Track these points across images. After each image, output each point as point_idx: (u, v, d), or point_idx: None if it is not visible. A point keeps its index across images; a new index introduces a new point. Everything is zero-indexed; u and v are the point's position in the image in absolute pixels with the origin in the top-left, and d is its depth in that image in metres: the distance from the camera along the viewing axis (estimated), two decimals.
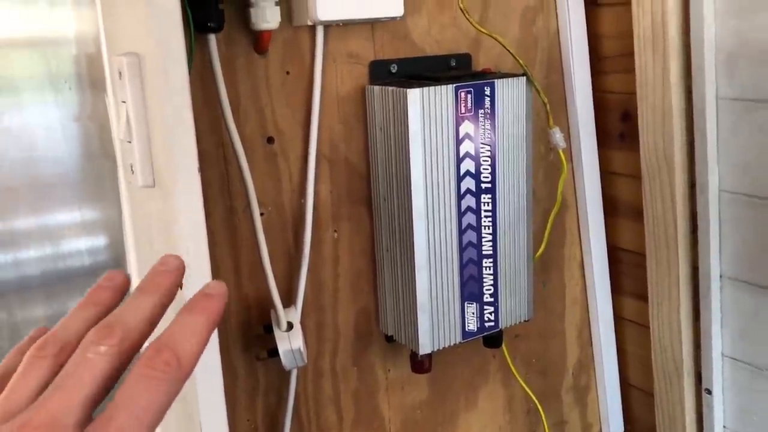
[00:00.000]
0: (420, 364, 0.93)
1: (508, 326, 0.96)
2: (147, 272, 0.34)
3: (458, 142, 0.87)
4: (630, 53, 0.98)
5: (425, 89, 0.83)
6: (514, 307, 0.96)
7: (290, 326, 0.84)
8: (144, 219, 0.74)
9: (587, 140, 1.08)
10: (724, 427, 1.03)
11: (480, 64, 0.99)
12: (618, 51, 1.04)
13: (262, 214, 0.86)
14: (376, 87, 0.88)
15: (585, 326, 1.16)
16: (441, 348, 0.91)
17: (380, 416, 1.00)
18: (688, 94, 0.94)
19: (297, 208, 0.89)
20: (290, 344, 0.83)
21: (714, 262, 0.97)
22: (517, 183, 0.92)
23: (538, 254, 1.03)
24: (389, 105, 0.86)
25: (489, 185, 0.90)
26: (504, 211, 0.91)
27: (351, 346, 0.96)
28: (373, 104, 0.89)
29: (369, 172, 0.93)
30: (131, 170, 0.68)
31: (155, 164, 0.65)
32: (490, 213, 0.90)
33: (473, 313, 0.92)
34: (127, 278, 0.35)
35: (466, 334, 0.93)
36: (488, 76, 0.89)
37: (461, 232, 0.89)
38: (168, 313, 0.33)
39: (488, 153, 0.89)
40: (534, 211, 0.99)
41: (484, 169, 0.89)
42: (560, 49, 1.05)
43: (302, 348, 0.84)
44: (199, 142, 0.63)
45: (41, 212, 0.79)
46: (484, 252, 0.91)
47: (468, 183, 0.88)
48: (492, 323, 0.94)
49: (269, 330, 0.86)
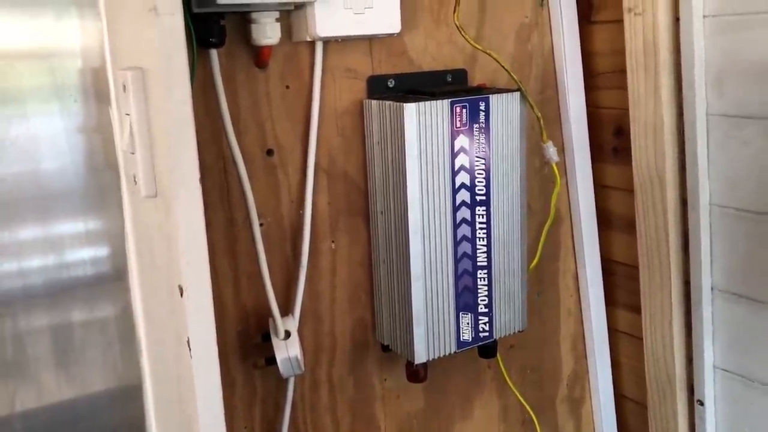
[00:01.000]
0: (415, 374, 0.95)
1: (503, 336, 0.98)
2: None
3: (453, 156, 0.89)
4: (623, 70, 1.00)
5: (421, 104, 0.85)
6: (509, 318, 0.97)
7: (288, 335, 0.86)
8: (146, 229, 0.76)
9: (581, 154, 1.10)
10: None
11: (475, 80, 1.01)
12: (611, 68, 1.07)
13: (262, 225, 0.88)
14: (374, 101, 0.90)
15: (579, 338, 1.18)
16: (436, 357, 0.93)
17: (376, 425, 1.02)
18: (679, 111, 0.96)
19: (295, 220, 0.91)
20: (288, 352, 0.84)
21: (705, 275, 0.99)
22: (512, 196, 0.94)
23: (532, 266, 1.05)
24: (386, 119, 0.88)
25: (484, 197, 0.91)
26: (498, 223, 0.93)
27: (347, 356, 0.98)
28: (371, 118, 0.91)
29: (366, 185, 0.95)
30: (134, 181, 0.70)
31: (158, 175, 0.67)
32: (485, 225, 0.92)
33: (468, 323, 0.94)
34: None
35: (461, 344, 0.94)
36: (483, 92, 0.92)
37: (456, 244, 0.91)
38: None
39: (483, 166, 0.91)
40: (528, 224, 1.01)
41: (479, 182, 0.91)
42: (554, 66, 1.07)
43: (299, 356, 0.85)
44: (200, 154, 0.65)
45: (46, 222, 0.80)
46: (479, 263, 0.93)
47: (463, 195, 0.90)
48: (487, 333, 0.96)
49: (267, 339, 0.87)
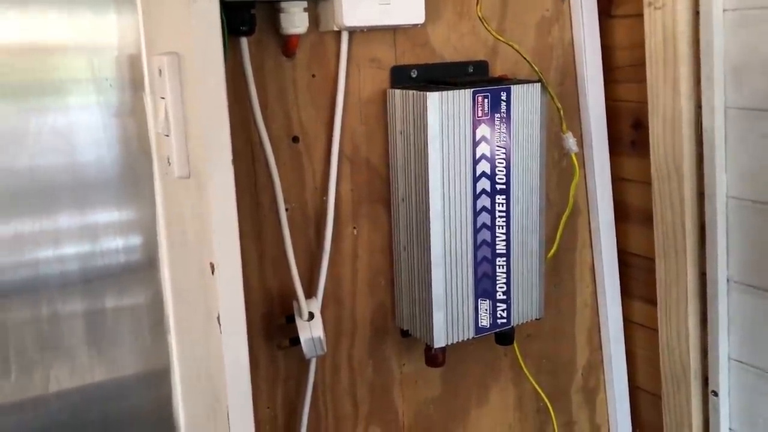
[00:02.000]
0: (434, 358, 0.97)
1: (520, 324, 0.99)
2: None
3: (475, 145, 0.91)
4: (642, 63, 1.01)
5: (444, 93, 0.87)
6: (526, 306, 0.99)
7: (311, 316, 0.88)
8: (178, 209, 0.78)
9: (599, 146, 1.11)
10: (730, 429, 1.05)
11: (496, 72, 1.03)
12: (630, 61, 1.08)
13: (287, 210, 0.90)
14: (397, 90, 0.92)
15: (595, 329, 1.19)
16: (455, 342, 0.94)
17: (394, 409, 1.04)
18: (698, 104, 0.97)
19: (319, 205, 0.93)
20: (311, 333, 0.87)
21: (721, 267, 1.00)
22: (531, 185, 0.95)
23: (550, 255, 1.07)
24: (409, 108, 0.90)
25: (503, 186, 0.93)
26: (517, 212, 0.95)
27: (367, 340, 1.00)
28: (394, 107, 0.93)
29: (388, 172, 0.97)
30: (168, 162, 0.72)
31: (191, 156, 0.70)
32: (504, 213, 0.94)
33: (486, 310, 0.96)
34: None
35: (479, 330, 0.96)
36: (504, 82, 0.93)
37: (476, 231, 0.93)
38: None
39: (503, 155, 0.93)
40: (547, 214, 1.02)
41: (499, 171, 0.93)
42: (574, 58, 1.09)
43: (322, 337, 0.87)
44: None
45: (82, 211, 0.83)
46: (498, 251, 0.95)
47: (483, 184, 0.92)
48: (504, 320, 0.98)
49: (291, 320, 0.90)
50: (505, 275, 0.96)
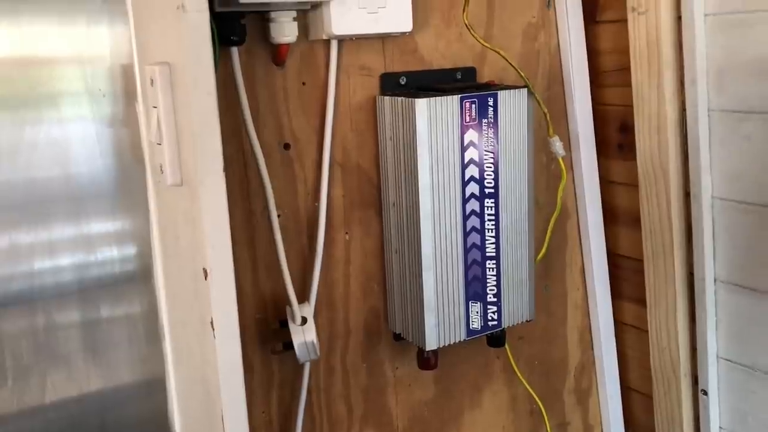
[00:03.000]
0: (426, 361, 0.98)
1: (511, 325, 1.01)
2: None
3: (463, 149, 0.92)
4: (627, 68, 1.03)
5: (432, 99, 0.89)
6: (517, 308, 1.00)
7: (304, 320, 0.89)
8: (171, 216, 0.79)
9: (587, 150, 1.13)
10: (720, 428, 1.06)
11: (484, 78, 1.04)
12: (616, 65, 1.10)
13: (279, 216, 0.92)
14: (387, 97, 0.94)
15: (586, 330, 1.20)
16: (446, 345, 0.96)
17: (388, 412, 1.05)
18: (682, 106, 0.99)
19: (311, 211, 0.95)
20: (304, 337, 0.88)
21: (708, 267, 1.01)
22: (519, 188, 0.97)
23: (540, 257, 1.08)
24: (399, 114, 0.92)
25: (492, 190, 0.95)
26: (506, 215, 0.96)
27: (361, 344, 1.01)
28: (384, 113, 0.95)
29: (379, 178, 0.98)
30: (160, 170, 0.74)
31: (183, 164, 0.71)
32: (493, 216, 0.96)
33: (477, 312, 0.97)
34: None
35: (471, 332, 0.97)
36: (492, 88, 0.95)
37: (466, 235, 0.94)
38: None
39: (491, 160, 0.94)
40: (536, 217, 1.04)
41: (488, 175, 0.94)
42: (561, 64, 1.11)
43: (315, 341, 0.88)
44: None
45: (77, 222, 0.84)
46: (488, 254, 0.96)
47: (472, 188, 0.94)
48: (495, 322, 0.99)
49: (284, 325, 0.91)
50: (496, 278, 0.97)
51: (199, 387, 0.79)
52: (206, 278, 0.69)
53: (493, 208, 0.95)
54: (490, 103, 0.93)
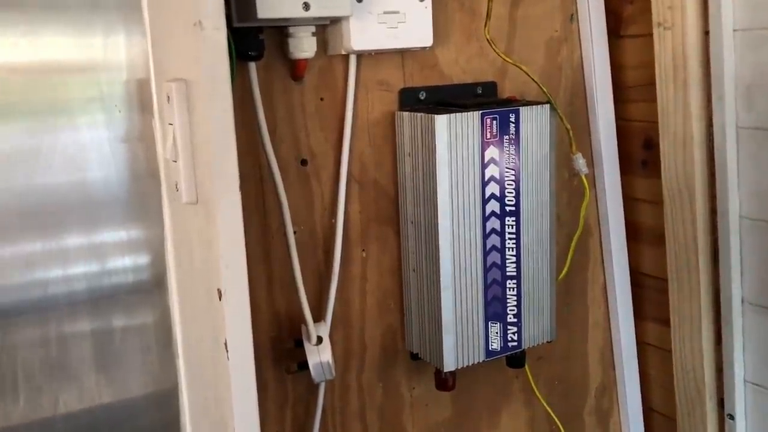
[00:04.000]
0: (444, 382, 0.96)
1: (531, 346, 0.98)
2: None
3: (483, 166, 0.90)
4: (652, 83, 1.01)
5: (453, 115, 0.87)
6: (537, 328, 0.98)
7: (320, 340, 0.88)
8: (185, 234, 0.79)
9: (610, 166, 1.10)
10: None
11: (505, 93, 1.02)
12: (640, 81, 1.08)
13: (295, 233, 0.90)
14: (406, 113, 0.92)
15: (607, 350, 1.18)
16: (465, 366, 0.94)
17: None
18: (708, 123, 0.97)
19: (328, 228, 0.93)
20: (320, 357, 0.86)
21: (735, 288, 0.98)
22: (541, 206, 0.95)
23: (561, 276, 1.06)
24: (418, 130, 0.90)
25: (513, 208, 0.93)
26: (528, 234, 0.94)
27: (377, 363, 0.99)
28: (403, 129, 0.93)
29: (397, 194, 0.97)
30: (176, 188, 0.73)
31: (199, 182, 0.70)
32: (514, 235, 0.94)
33: (497, 333, 0.95)
34: None
35: (490, 353, 0.95)
36: (513, 104, 0.93)
37: (486, 253, 0.92)
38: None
39: (513, 177, 0.92)
40: (557, 235, 1.02)
41: (509, 193, 0.92)
42: (584, 79, 1.09)
43: (331, 361, 0.87)
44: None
45: (90, 231, 0.84)
46: (508, 273, 0.94)
47: (493, 206, 0.92)
48: (515, 343, 0.97)
49: (299, 344, 0.89)
50: (516, 297, 0.95)
51: (212, 405, 0.78)
52: (220, 299, 0.68)
53: (514, 227, 0.93)
54: (512, 120, 0.91)
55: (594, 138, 1.10)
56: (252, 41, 0.82)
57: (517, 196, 0.93)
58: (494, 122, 0.90)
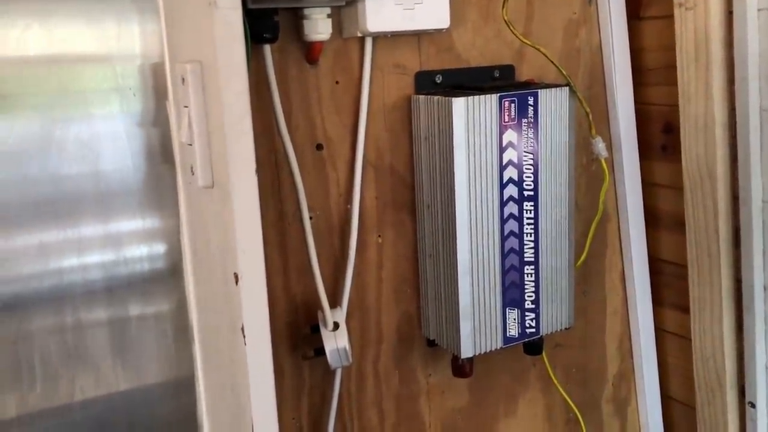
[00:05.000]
0: (461, 369, 0.95)
1: (549, 333, 0.97)
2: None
3: (501, 150, 0.89)
4: (672, 66, 0.99)
5: (470, 98, 0.86)
6: (555, 314, 0.97)
7: (336, 326, 0.87)
8: (201, 219, 0.78)
9: (629, 151, 1.09)
10: None
11: (523, 76, 1.01)
12: (660, 63, 1.06)
13: (311, 219, 0.89)
14: (422, 96, 0.91)
15: (625, 337, 1.16)
16: (483, 352, 0.93)
17: (421, 420, 1.02)
18: (731, 106, 0.95)
19: (343, 214, 0.92)
20: (336, 343, 0.86)
21: (757, 274, 0.97)
22: (559, 191, 0.93)
23: (580, 262, 1.04)
24: (434, 114, 0.89)
25: (531, 193, 0.91)
26: (546, 219, 0.93)
27: (393, 350, 0.98)
28: (419, 113, 0.92)
29: (413, 180, 0.95)
30: (191, 172, 0.72)
31: (214, 165, 0.69)
32: (533, 220, 0.92)
33: (515, 319, 0.94)
34: None
35: (507, 340, 0.94)
36: (532, 87, 0.92)
37: (503, 239, 0.91)
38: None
39: (531, 161, 0.91)
40: (576, 221, 1.00)
41: (527, 177, 0.91)
42: (603, 61, 1.07)
43: (347, 347, 0.86)
44: None
45: (106, 219, 0.83)
46: (526, 259, 0.93)
47: (511, 190, 0.90)
48: (533, 330, 0.95)
49: (316, 330, 0.89)
50: (534, 284, 0.94)
51: (229, 391, 0.78)
52: (237, 283, 0.67)
53: (533, 212, 0.92)
54: (530, 103, 0.89)
55: (613, 122, 1.08)
56: (267, 23, 0.81)
57: (536, 181, 0.91)
58: (512, 105, 0.89)
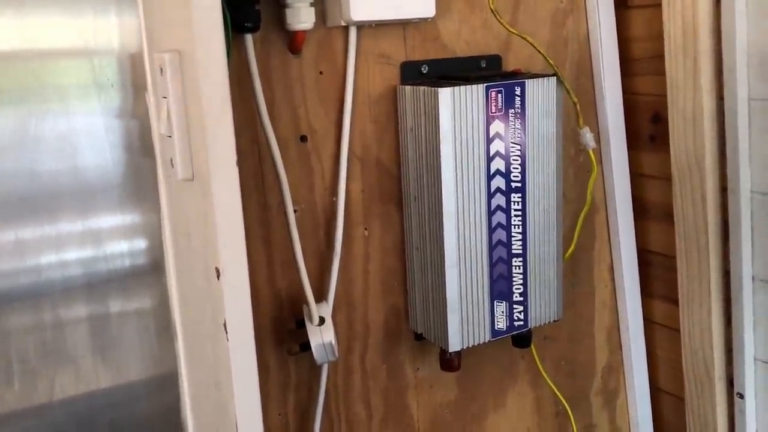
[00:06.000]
0: (449, 362, 0.94)
1: (538, 326, 0.96)
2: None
3: (488, 141, 0.88)
4: (660, 55, 0.98)
5: (456, 89, 0.85)
6: (544, 307, 0.96)
7: (322, 321, 0.86)
8: (182, 212, 0.76)
9: (617, 142, 1.08)
10: None
11: (509, 66, 1.00)
12: (648, 53, 1.05)
13: (296, 212, 0.88)
14: (408, 87, 0.90)
15: (614, 329, 1.16)
16: (470, 346, 0.92)
17: (409, 414, 1.01)
18: (719, 96, 0.94)
19: (329, 206, 0.91)
20: (322, 338, 0.84)
21: (746, 265, 0.96)
22: (547, 182, 0.92)
23: (568, 254, 1.03)
24: (420, 104, 0.88)
25: (519, 184, 0.90)
26: (534, 210, 0.92)
27: (380, 344, 0.97)
28: (405, 104, 0.91)
29: (399, 171, 0.94)
30: (171, 164, 0.70)
31: (194, 158, 0.67)
32: (520, 212, 0.91)
33: (503, 312, 0.93)
34: None
35: (496, 333, 0.93)
36: (519, 76, 0.90)
37: (491, 231, 0.90)
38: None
39: (518, 152, 0.90)
40: (564, 213, 0.99)
41: (514, 168, 0.90)
42: (590, 51, 1.06)
43: (333, 342, 0.85)
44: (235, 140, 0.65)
45: (85, 215, 0.82)
46: (514, 251, 0.92)
47: (498, 182, 0.89)
48: (521, 322, 0.95)
49: (301, 325, 0.87)
50: (522, 276, 0.93)
51: (213, 388, 0.76)
52: (219, 278, 0.65)
53: (520, 203, 0.91)
54: (518, 93, 0.88)
55: (600, 112, 1.07)
56: (248, 12, 0.79)
57: (523, 172, 0.90)
58: (499, 95, 0.87)
